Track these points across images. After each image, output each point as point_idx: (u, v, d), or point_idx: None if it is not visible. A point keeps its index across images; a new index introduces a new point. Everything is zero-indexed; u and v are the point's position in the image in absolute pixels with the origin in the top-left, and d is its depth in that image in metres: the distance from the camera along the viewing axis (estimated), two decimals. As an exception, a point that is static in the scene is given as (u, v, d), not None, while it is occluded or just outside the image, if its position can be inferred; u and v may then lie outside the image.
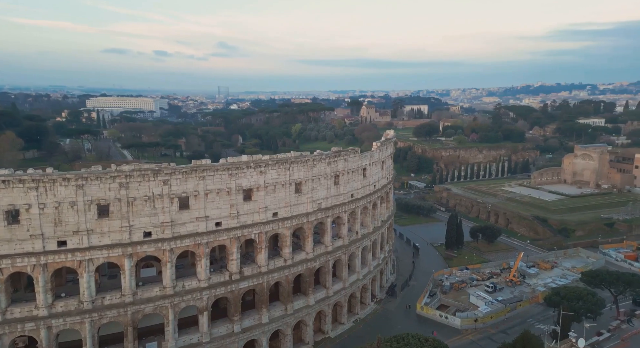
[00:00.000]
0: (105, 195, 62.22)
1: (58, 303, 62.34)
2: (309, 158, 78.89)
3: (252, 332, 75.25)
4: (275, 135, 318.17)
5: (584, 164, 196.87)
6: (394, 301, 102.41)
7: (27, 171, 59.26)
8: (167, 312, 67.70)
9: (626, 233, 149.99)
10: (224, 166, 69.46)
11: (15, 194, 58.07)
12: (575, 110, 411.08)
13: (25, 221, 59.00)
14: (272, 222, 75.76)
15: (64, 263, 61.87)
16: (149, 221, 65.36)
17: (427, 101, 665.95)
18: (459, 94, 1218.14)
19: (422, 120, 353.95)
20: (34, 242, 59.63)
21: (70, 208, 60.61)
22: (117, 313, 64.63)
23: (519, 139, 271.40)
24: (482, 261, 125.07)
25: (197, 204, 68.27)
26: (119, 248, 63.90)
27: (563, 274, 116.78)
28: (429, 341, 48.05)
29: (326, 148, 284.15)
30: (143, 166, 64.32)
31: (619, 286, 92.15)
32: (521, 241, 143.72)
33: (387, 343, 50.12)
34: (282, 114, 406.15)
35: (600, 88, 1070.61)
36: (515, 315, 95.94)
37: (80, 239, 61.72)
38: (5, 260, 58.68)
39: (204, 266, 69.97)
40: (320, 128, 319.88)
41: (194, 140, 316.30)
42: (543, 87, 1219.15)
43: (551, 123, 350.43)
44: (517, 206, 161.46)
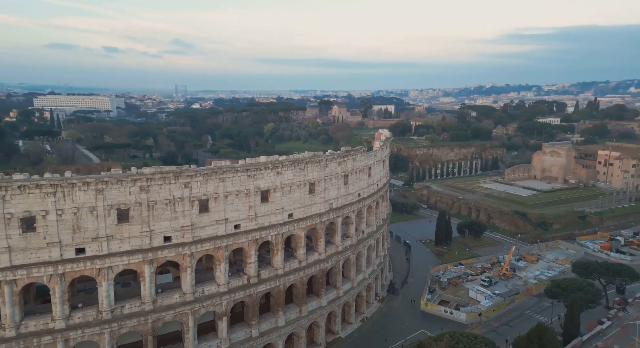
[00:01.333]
0: (125, 199, 59.61)
1: (75, 314, 59.17)
2: (322, 157, 78.60)
3: (270, 335, 74.19)
4: (247, 135, 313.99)
5: (552, 160, 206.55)
6: (396, 299, 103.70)
7: (44, 176, 55.84)
8: (187, 319, 65.71)
9: (598, 225, 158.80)
10: (243, 167, 68.14)
11: (31, 201, 54.66)
12: (531, 110, 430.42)
13: (42, 228, 55.63)
14: (288, 223, 74.96)
15: (83, 271, 58.79)
16: (169, 226, 63.19)
17: (390, 101, 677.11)
18: (417, 94, 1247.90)
19: (391, 120, 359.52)
20: (51, 250, 56.33)
21: (89, 213, 57.69)
22: (138, 322, 62.10)
23: (487, 137, 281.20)
24: (471, 256, 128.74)
25: (216, 207, 66.62)
26: (140, 254, 61.42)
27: (549, 266, 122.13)
28: (478, 338, 48.99)
29: (301, 148, 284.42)
30: (164, 169, 61.97)
31: (609, 276, 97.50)
32: (504, 236, 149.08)
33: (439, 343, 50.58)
34: (251, 114, 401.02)
35: (545, 89, 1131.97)
36: (513, 307, 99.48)
37: (99, 246, 58.83)
38: (21, 270, 55.14)
39: (223, 271, 68.37)
40: (293, 128, 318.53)
41: (163, 141, 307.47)
42: (494, 88, 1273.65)
43: (512, 122, 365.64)
44: (497, 202, 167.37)
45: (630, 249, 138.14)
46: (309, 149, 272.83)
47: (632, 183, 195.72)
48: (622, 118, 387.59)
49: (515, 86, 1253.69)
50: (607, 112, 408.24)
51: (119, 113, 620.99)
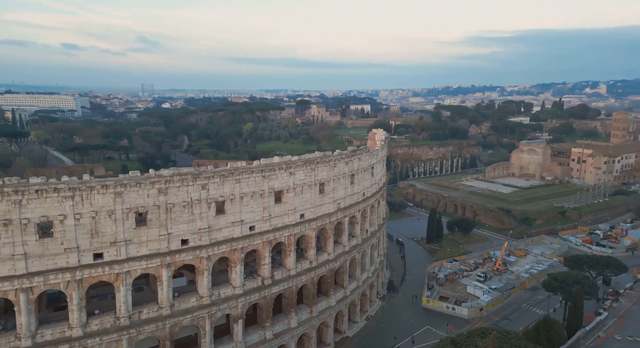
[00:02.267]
0: (144, 202, 58.24)
1: (93, 322, 57.41)
2: (331, 157, 78.83)
3: (283, 337, 73.92)
4: (226, 135, 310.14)
5: (529, 158, 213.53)
6: (396, 296, 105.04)
7: (61, 179, 53.91)
8: (204, 323, 64.72)
9: (577, 220, 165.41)
10: (259, 168, 67.63)
11: (48, 205, 52.69)
12: (502, 110, 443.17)
13: (59, 233, 53.73)
14: (300, 224, 74.82)
15: (101, 277, 57.08)
16: (186, 228, 62.14)
17: (364, 101, 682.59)
18: (387, 95, 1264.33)
19: (369, 120, 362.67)
20: (69, 256, 54.47)
21: (107, 217, 56.09)
22: (156, 327, 60.78)
23: (463, 136, 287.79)
24: (463, 252, 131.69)
25: (232, 209, 65.92)
26: (158, 258, 60.16)
27: (537, 260, 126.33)
28: (511, 334, 50.35)
29: (282, 148, 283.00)
30: (182, 170, 60.86)
31: (599, 269, 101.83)
32: (491, 232, 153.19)
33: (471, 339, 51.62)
34: (227, 113, 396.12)
35: (508, 90, 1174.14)
36: (510, 301, 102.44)
37: (117, 250, 57.29)
38: (37, 277, 53.08)
39: (239, 273, 67.69)
40: (273, 128, 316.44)
41: (138, 141, 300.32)
42: (461, 88, 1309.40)
43: (485, 121, 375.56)
44: (481, 199, 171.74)
45: (609, 242, 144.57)
46: (290, 150, 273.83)
47: (603, 179, 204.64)
48: (585, 118, 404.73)
49: (480, 86, 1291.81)
50: (571, 112, 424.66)
51: (84, 113, 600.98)
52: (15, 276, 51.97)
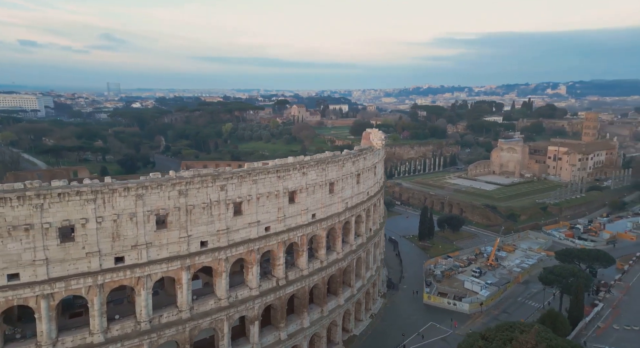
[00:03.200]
0: (164, 204, 57.43)
1: (113, 327, 56.20)
2: (340, 157, 79.44)
3: (296, 337, 74.05)
4: (205, 135, 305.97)
5: (509, 156, 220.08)
6: (396, 294, 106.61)
7: (83, 182, 52.58)
8: (222, 325, 64.27)
9: (558, 215, 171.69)
10: (274, 169, 67.53)
11: (70, 209, 51.33)
12: (475, 109, 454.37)
13: (81, 237, 52.42)
14: (312, 224, 75.10)
15: (122, 281, 56.00)
16: (205, 230, 61.59)
17: (338, 101, 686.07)
18: (360, 95, 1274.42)
19: (348, 119, 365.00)
20: (91, 260, 53.20)
21: (129, 220, 55.06)
22: (176, 331, 59.99)
23: (442, 135, 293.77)
24: (454, 249, 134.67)
25: (249, 209, 65.67)
26: (178, 261, 59.41)
27: (526, 255, 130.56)
28: (534, 327, 52.05)
29: (265, 148, 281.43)
30: (202, 171, 60.24)
31: (588, 261, 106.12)
32: (478, 228, 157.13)
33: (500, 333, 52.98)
34: (204, 113, 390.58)
35: (475, 90, 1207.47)
36: (506, 295, 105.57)
37: (138, 254, 56.29)
38: (59, 282, 51.64)
39: (255, 274, 67.49)
40: (253, 128, 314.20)
41: (113, 143, 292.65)
42: (431, 89, 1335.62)
43: (461, 121, 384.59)
44: (467, 197, 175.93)
45: (589, 236, 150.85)
46: (273, 150, 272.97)
47: (578, 176, 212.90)
48: (553, 117, 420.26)
49: (449, 87, 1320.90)
50: (540, 112, 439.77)
51: (48, 113, 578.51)
52: (37, 282, 50.46)
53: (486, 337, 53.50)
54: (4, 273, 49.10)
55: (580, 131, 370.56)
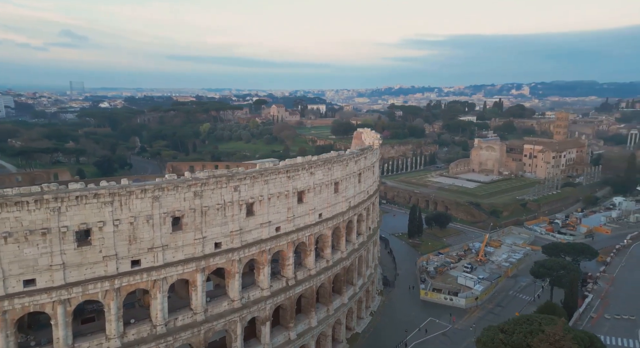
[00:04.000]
0: (180, 206, 56.85)
1: (130, 331, 55.31)
2: (345, 157, 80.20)
3: (305, 337, 74.43)
4: (183, 136, 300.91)
5: (487, 155, 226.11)
6: (393, 291, 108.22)
7: (100, 184, 51.47)
8: (236, 327, 64.06)
9: (537, 211, 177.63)
10: (285, 169, 67.66)
11: (87, 212, 50.26)
12: (450, 109, 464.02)
13: (98, 241, 51.40)
14: (319, 223, 75.58)
15: (138, 284, 55.17)
16: (219, 231, 61.26)
17: (313, 101, 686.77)
18: (333, 95, 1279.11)
19: (327, 119, 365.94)
20: (107, 264, 52.22)
21: (145, 222, 54.30)
22: (191, 333, 59.51)
23: (421, 135, 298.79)
24: (443, 245, 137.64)
25: (261, 210, 65.63)
26: (193, 263, 58.92)
27: (512, 249, 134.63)
28: (554, 320, 54.00)
29: (245, 148, 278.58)
30: (216, 172, 59.82)
31: (574, 255, 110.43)
32: (463, 225, 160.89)
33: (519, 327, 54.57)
34: (180, 113, 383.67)
35: (444, 91, 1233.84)
36: (498, 289, 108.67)
37: (154, 256, 55.57)
38: (76, 287, 50.51)
39: (266, 274, 67.55)
40: (233, 128, 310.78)
41: (88, 144, 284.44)
42: (402, 89, 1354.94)
43: (437, 120, 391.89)
44: (451, 194, 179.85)
45: (568, 230, 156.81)
46: (254, 150, 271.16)
47: (552, 173, 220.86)
48: (523, 116, 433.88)
49: (419, 87, 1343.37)
50: (510, 111, 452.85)
51: (8, 114, 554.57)
52: (54, 288, 49.20)
53: (505, 330, 55.23)
54: (20, 279, 47.72)
55: (548, 130, 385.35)
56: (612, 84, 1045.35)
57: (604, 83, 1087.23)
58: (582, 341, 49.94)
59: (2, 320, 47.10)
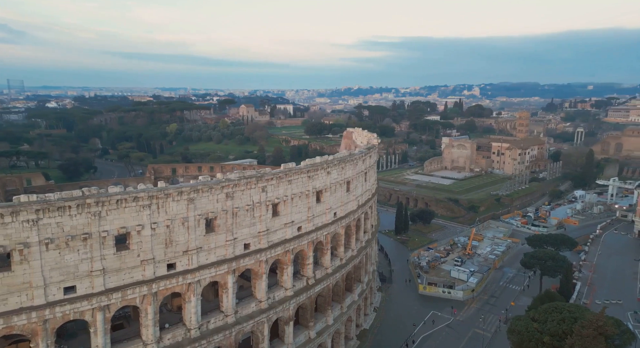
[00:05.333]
0: (213, 207, 56.45)
1: (165, 336, 54.41)
2: (356, 156, 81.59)
3: (322, 335, 75.33)
4: (150, 137, 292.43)
5: (459, 153, 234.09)
6: (391, 286, 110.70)
7: (138, 187, 50.35)
8: (263, 328, 64.13)
9: (510, 205, 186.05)
10: (305, 169, 68.18)
11: (127, 215, 49.18)
12: (414, 109, 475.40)
13: (136, 245, 50.37)
14: (334, 222, 76.55)
15: (173, 288, 54.36)
16: (248, 232, 61.19)
17: (276, 101, 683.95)
18: (293, 95, 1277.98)
19: (297, 119, 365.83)
20: (145, 268, 51.25)
21: (181, 225, 53.61)
22: (223, 336, 59.14)
23: (391, 134, 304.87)
24: (429, 241, 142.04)
25: (285, 210, 65.94)
26: (225, 265, 58.63)
27: (495, 242, 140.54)
28: (579, 307, 57.21)
29: (218, 149, 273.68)
30: (246, 173, 59.63)
31: (556, 245, 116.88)
32: (445, 220, 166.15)
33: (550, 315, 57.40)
34: (143, 114, 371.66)
35: (401, 91, 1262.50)
36: (489, 281, 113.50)
37: (189, 259, 54.96)
38: (115, 293, 49.32)
39: (290, 274, 67.92)
40: (202, 128, 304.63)
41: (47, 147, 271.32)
42: (361, 89, 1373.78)
43: (403, 120, 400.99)
44: (429, 191, 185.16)
45: (540, 222, 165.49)
46: (226, 151, 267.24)
47: (518, 169, 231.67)
48: (482, 116, 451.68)
49: (377, 88, 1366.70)
50: (470, 111, 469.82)
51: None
52: (94, 294, 47.82)
53: (537, 319, 58.19)
54: (61, 287, 46.13)
55: (505, 129, 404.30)
56: (552, 86, 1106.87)
57: (545, 85, 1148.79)
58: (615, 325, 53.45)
59: (43, 329, 45.32)
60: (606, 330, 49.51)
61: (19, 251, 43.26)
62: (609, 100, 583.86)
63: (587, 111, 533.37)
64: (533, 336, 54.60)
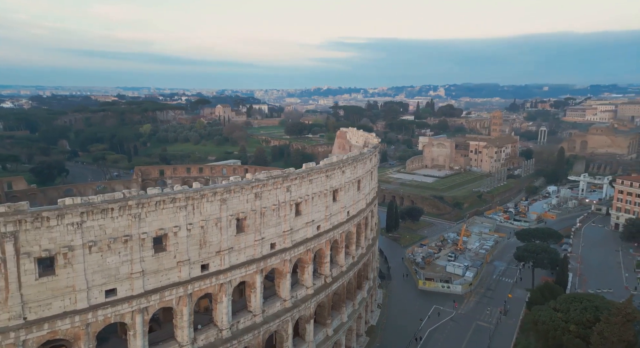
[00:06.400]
0: (243, 207, 56.68)
1: (199, 337, 54.29)
2: (366, 155, 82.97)
3: (338, 333, 76.41)
4: (123, 138, 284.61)
5: (439, 151, 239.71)
6: (391, 283, 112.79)
7: (174, 188, 50.07)
8: (288, 326, 64.67)
9: (491, 201, 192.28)
10: (324, 168, 69.01)
11: (164, 217, 48.96)
12: (389, 110, 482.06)
13: (173, 246, 50.18)
14: (348, 221, 77.71)
15: (207, 289, 54.35)
16: (274, 232, 61.65)
17: (248, 101, 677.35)
18: (262, 95, 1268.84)
19: (273, 119, 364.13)
20: (181, 269, 51.12)
21: (214, 225, 53.65)
22: (252, 336, 59.41)
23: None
24: (420, 237, 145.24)
25: (306, 209, 66.64)
26: (254, 264, 58.97)
27: (483, 237, 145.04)
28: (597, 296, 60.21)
29: (196, 150, 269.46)
30: (273, 173, 60.00)
31: (543, 239, 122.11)
32: (431, 217, 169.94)
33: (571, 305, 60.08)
34: (112, 114, 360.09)
35: (370, 92, 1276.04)
36: (483, 275, 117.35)
37: (221, 259, 55.08)
38: (154, 295, 48.99)
39: (310, 273, 68.69)
40: (177, 129, 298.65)
41: (14, 149, 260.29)
42: (330, 90, 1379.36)
43: (379, 120, 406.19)
44: (413, 189, 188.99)
45: (521, 217, 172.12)
46: (205, 152, 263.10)
47: (495, 167, 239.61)
48: (453, 115, 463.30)
49: (346, 88, 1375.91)
50: (442, 111, 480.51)
51: None
52: (134, 297, 47.36)
53: (558, 309, 61.02)
54: (102, 290, 45.59)
55: (475, 128, 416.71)
56: (511, 87, 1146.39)
57: (505, 86, 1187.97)
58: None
59: (85, 333, 44.58)
60: (635, 317, 52.78)
61: (63, 255, 42.41)
62: (567, 100, 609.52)
63: (547, 111, 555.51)
64: (559, 325, 57.45)
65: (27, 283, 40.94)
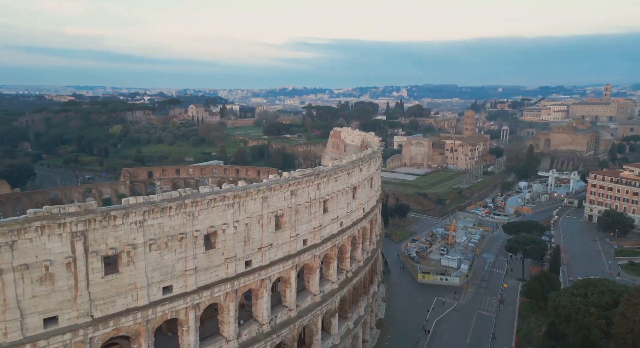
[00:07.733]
0: (281, 205, 58.17)
1: (243, 332, 55.41)
2: (376, 154, 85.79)
3: (357, 325, 78.84)
4: (93, 139, 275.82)
5: (417, 150, 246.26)
6: (390, 277, 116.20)
7: (223, 187, 51.09)
8: (317, 320, 66.51)
9: (470, 197, 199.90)
10: (347, 166, 71.15)
11: (214, 215, 49.98)
12: (361, 110, 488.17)
13: (221, 243, 51.18)
14: (364, 217, 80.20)
15: (250, 285, 55.58)
16: (306, 228, 63.35)
17: (215, 101, 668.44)
18: (226, 94, 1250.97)
19: (248, 119, 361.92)
20: (228, 266, 52.17)
21: (256, 223, 54.95)
22: (289, 330, 60.94)
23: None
24: (410, 233, 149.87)
25: (332, 206, 68.59)
26: (290, 260, 60.47)
27: (469, 232, 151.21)
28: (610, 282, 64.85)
29: (171, 151, 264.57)
30: (306, 171, 61.67)
31: (529, 231, 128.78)
32: (417, 213, 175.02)
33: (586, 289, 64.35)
34: (76, 115, 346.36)
35: (335, 92, 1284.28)
36: (475, 267, 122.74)
37: (262, 256, 56.40)
38: (205, 291, 49.92)
39: (335, 268, 70.68)
40: (150, 130, 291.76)
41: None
42: (295, 90, 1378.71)
43: (352, 120, 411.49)
44: (397, 187, 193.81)
45: (500, 212, 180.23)
46: (181, 153, 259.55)
47: (470, 164, 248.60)
48: (422, 115, 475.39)
49: (311, 88, 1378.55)
50: (412, 111, 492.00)
51: None
52: (188, 293, 48.17)
53: (575, 294, 65.61)
54: (160, 287, 46.19)
55: (444, 127, 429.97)
56: (469, 88, 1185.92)
57: (463, 87, 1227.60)
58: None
59: (146, 329, 45.04)
60: (654, 298, 57.93)
61: (126, 253, 42.79)
62: (522, 101, 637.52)
63: (506, 111, 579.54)
64: (580, 309, 62.04)
65: (94, 281, 41.15)
